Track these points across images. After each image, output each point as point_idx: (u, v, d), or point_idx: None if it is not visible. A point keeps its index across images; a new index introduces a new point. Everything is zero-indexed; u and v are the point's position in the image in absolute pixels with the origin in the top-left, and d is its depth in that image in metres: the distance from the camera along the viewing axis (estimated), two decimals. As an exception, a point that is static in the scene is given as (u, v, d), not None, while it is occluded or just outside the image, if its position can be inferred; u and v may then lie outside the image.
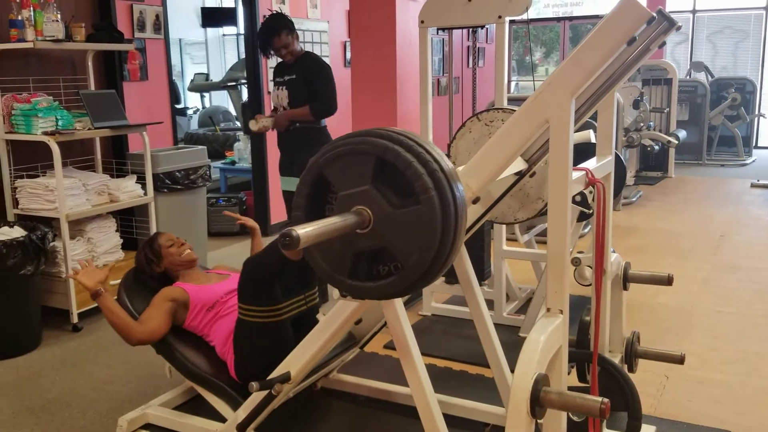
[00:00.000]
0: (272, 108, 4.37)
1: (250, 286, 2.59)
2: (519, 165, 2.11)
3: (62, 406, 3.13)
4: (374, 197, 1.69)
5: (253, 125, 4.25)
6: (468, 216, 2.29)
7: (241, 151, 7.02)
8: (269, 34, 4.17)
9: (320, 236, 1.54)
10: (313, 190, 1.77)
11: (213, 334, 2.81)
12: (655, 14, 1.85)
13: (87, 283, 2.68)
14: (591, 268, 2.47)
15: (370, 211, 1.69)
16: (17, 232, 3.73)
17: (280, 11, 4.38)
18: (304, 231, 1.47)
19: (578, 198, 2.28)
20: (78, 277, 2.71)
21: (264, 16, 4.34)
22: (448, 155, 2.69)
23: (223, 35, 12.50)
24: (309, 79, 4.18)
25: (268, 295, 2.57)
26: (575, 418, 2.45)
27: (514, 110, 2.33)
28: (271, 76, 5.98)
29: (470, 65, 8.75)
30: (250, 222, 3.27)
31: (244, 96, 9.50)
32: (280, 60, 4.33)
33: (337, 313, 2.27)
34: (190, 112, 11.13)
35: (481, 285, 3.50)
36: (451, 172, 1.70)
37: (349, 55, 6.94)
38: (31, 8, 3.87)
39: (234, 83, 10.01)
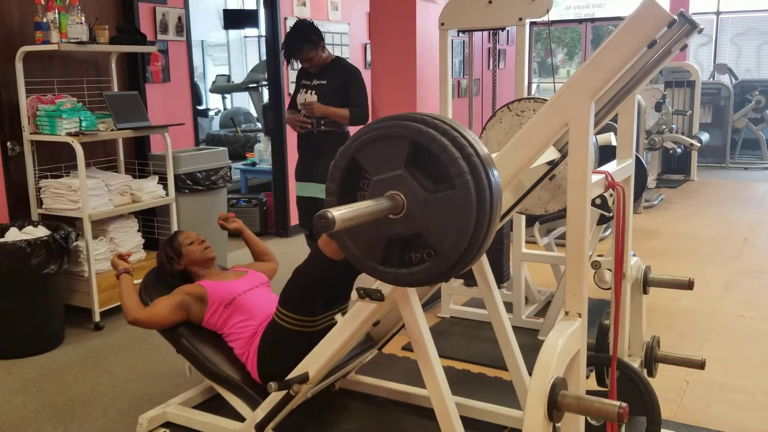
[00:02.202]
0: (300, 111, 4.26)
1: (294, 293, 2.59)
2: (552, 154, 2.08)
3: (83, 404, 3.17)
4: (408, 182, 1.66)
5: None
6: None
7: (262, 152, 7.05)
8: (292, 48, 4.15)
9: (355, 219, 1.52)
10: (346, 176, 1.75)
11: (233, 333, 2.83)
12: (676, 17, 1.84)
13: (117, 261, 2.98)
14: (611, 271, 2.46)
15: (403, 196, 1.66)
16: (41, 232, 3.79)
17: (304, 19, 4.32)
18: (339, 213, 1.45)
19: (598, 201, 2.26)
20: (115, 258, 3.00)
21: (285, 18, 4.35)
22: None
23: (245, 37, 12.56)
24: (344, 86, 4.18)
25: (309, 306, 2.58)
26: (593, 423, 2.44)
27: (546, 100, 2.30)
28: (292, 77, 6.02)
29: (490, 67, 8.73)
30: (233, 225, 3.29)
31: (265, 97, 9.55)
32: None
33: (355, 315, 2.27)
34: (211, 113, 11.21)
35: (500, 288, 3.50)
36: (487, 157, 1.67)
37: (369, 57, 6.96)
38: (56, 11, 3.92)
39: (255, 85, 10.06)
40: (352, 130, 4.21)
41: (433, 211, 1.65)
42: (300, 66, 4.33)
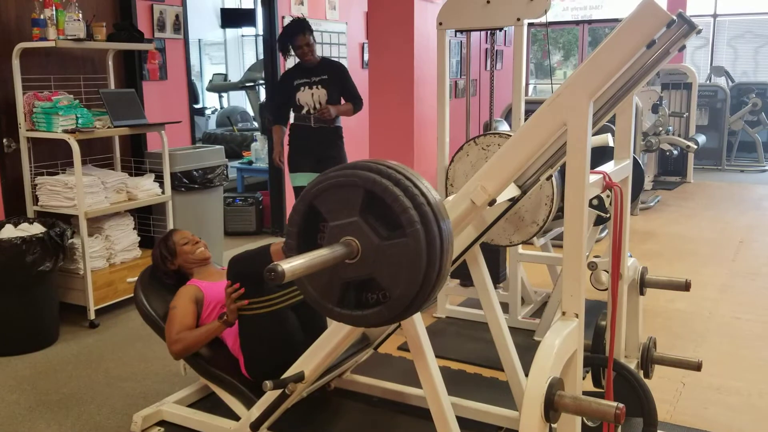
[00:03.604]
0: (301, 108, 4.63)
1: (239, 277, 2.62)
2: (512, 191, 2.11)
3: (78, 402, 3.16)
4: (362, 228, 1.71)
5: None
6: (461, 239, 2.34)
7: (258, 151, 7.04)
8: (293, 32, 4.53)
9: (308, 270, 1.58)
10: (305, 220, 1.80)
11: (225, 331, 2.82)
12: (675, 17, 1.84)
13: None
14: (607, 272, 2.46)
15: (358, 242, 1.71)
16: (36, 229, 3.77)
17: (302, 16, 4.76)
18: (289, 266, 1.50)
19: (595, 202, 2.27)
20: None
21: (283, 17, 4.43)
22: (446, 178, 2.72)
23: (242, 36, 12.53)
24: (340, 79, 4.64)
25: (260, 288, 2.60)
26: (590, 423, 2.44)
27: (510, 135, 2.36)
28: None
29: (488, 68, 8.73)
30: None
31: (262, 96, 9.54)
32: (297, 62, 4.63)
33: (351, 314, 2.27)
34: (208, 111, 11.18)
35: (496, 288, 3.50)
36: (438, 205, 1.72)
37: (367, 56, 6.96)
38: (53, 7, 3.91)
39: (252, 84, 10.04)
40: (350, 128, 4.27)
41: (386, 258, 1.69)
42: (295, 61, 4.66)
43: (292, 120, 4.79)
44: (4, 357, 3.65)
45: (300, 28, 4.53)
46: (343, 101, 4.70)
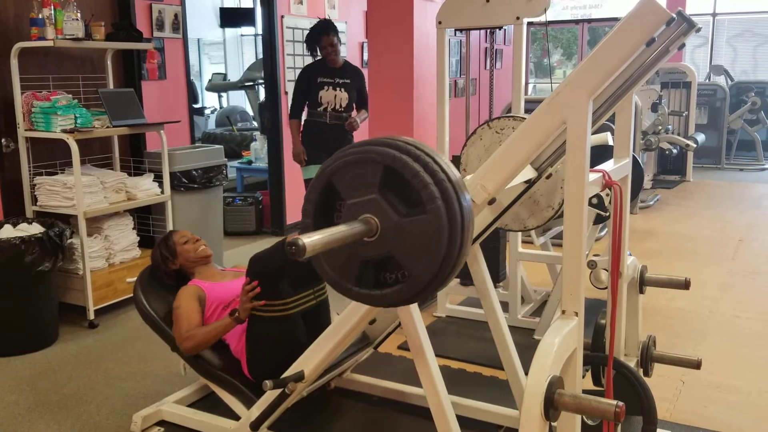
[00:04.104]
0: (319, 105, 4.84)
1: (257, 278, 2.60)
2: (529, 173, 2.10)
3: (77, 402, 3.16)
4: (381, 206, 1.68)
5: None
6: (477, 223, 2.31)
7: (258, 151, 7.04)
8: (319, 32, 4.76)
9: (327, 245, 1.54)
10: (322, 198, 1.77)
11: (229, 333, 2.82)
12: (674, 15, 1.84)
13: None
14: (607, 271, 2.45)
15: (377, 220, 1.69)
16: (35, 229, 3.77)
17: (328, 17, 5.01)
18: (310, 240, 1.47)
19: (595, 200, 2.26)
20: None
21: (282, 17, 4.46)
22: (459, 162, 2.69)
23: (241, 35, 12.53)
24: (361, 86, 4.94)
25: (276, 290, 2.59)
26: (589, 422, 2.44)
27: (525, 118, 2.33)
28: (289, 76, 6.05)
29: (487, 67, 8.73)
30: None
31: (262, 96, 9.54)
32: (317, 59, 4.86)
33: (351, 313, 2.27)
34: (207, 111, 11.18)
35: (496, 287, 3.49)
36: (459, 181, 1.69)
37: (366, 55, 6.95)
38: (52, 7, 3.91)
39: (251, 83, 10.04)
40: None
41: (406, 235, 1.67)
42: (319, 57, 4.87)
43: (305, 116, 4.96)
44: (3, 357, 3.64)
45: (325, 28, 4.74)
46: (354, 105, 4.96)
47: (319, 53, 4.83)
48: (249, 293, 2.59)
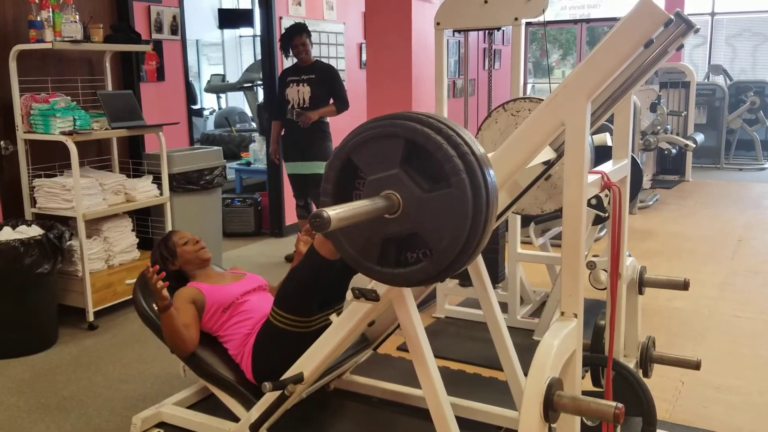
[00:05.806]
0: (290, 104, 5.05)
1: (290, 294, 2.59)
2: (548, 154, 2.07)
3: (77, 404, 3.15)
4: (404, 181, 1.65)
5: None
6: None
7: (257, 152, 7.04)
8: (293, 33, 4.97)
9: (350, 218, 1.51)
10: (341, 176, 1.74)
11: (228, 335, 2.81)
12: (672, 16, 1.84)
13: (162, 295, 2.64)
14: (606, 271, 2.45)
15: (399, 196, 1.65)
16: (34, 231, 3.77)
17: (302, 21, 5.25)
18: (334, 212, 1.43)
19: (594, 201, 2.26)
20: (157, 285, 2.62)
21: (280, 18, 4.51)
22: None
23: (240, 37, 12.53)
24: (328, 79, 5.02)
25: (305, 306, 2.57)
26: (589, 423, 2.44)
27: (542, 99, 2.31)
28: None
29: (486, 67, 8.73)
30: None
31: (260, 97, 9.54)
32: (294, 62, 5.04)
33: (350, 315, 2.27)
34: (206, 112, 11.18)
35: (495, 288, 3.49)
36: (483, 156, 1.66)
37: (364, 56, 6.95)
38: (50, 9, 3.90)
39: (250, 84, 10.05)
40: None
41: (429, 211, 1.63)
42: (292, 62, 5.11)
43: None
44: (3, 360, 3.64)
45: (297, 29, 4.98)
46: (332, 101, 5.07)
47: (292, 54, 5.04)
48: (156, 284, 2.55)
